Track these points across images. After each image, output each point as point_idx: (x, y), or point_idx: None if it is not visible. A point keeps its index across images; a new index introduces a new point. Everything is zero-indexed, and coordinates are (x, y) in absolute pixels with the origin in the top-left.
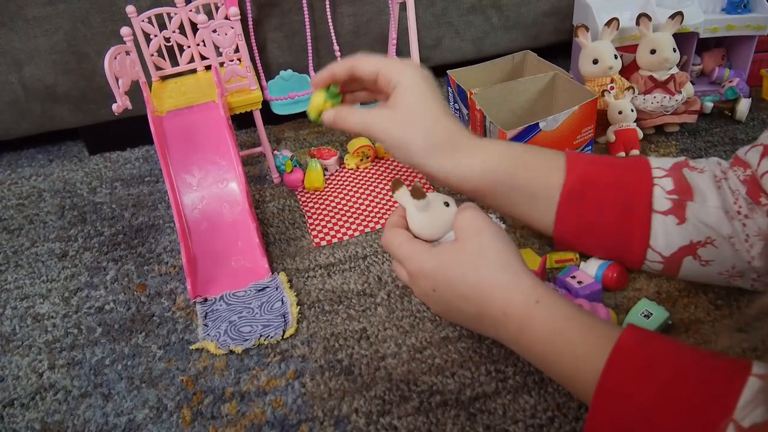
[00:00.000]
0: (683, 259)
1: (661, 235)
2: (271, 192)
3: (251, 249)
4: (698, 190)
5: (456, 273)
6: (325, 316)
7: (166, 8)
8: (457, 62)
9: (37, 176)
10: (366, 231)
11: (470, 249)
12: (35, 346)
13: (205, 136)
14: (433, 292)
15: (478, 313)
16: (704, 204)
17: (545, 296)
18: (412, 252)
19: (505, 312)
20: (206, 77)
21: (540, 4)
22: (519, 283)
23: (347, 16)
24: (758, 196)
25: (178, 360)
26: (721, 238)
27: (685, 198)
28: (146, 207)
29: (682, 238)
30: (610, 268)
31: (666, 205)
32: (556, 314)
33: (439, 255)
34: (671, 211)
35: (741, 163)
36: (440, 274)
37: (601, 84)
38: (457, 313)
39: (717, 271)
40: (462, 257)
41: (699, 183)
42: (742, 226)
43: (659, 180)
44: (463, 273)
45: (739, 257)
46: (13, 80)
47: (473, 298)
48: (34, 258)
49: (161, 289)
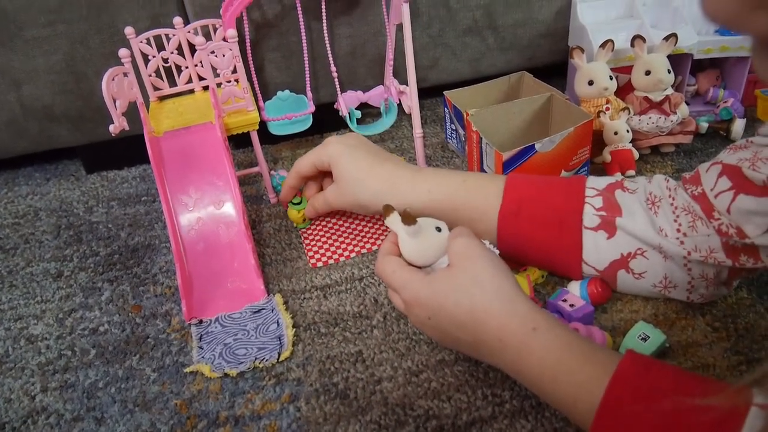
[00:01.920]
0: (617, 273)
1: (593, 250)
2: (268, 212)
3: (247, 270)
4: (626, 208)
5: (451, 301)
6: (321, 339)
7: (165, 29)
8: (454, 83)
9: (33, 195)
10: (362, 252)
11: (464, 276)
12: (28, 369)
13: (202, 156)
14: (428, 320)
15: (474, 341)
16: (632, 218)
17: (542, 322)
18: (405, 280)
19: (501, 339)
20: (204, 98)
21: (536, 26)
22: (515, 309)
23: (344, 37)
24: (711, 211)
25: (172, 383)
26: (651, 249)
27: (613, 214)
28: (142, 227)
29: (613, 252)
30: (590, 284)
31: (595, 222)
32: (553, 341)
33: (432, 283)
34: (601, 227)
35: (696, 181)
36: (435, 302)
37: (597, 105)
38: (454, 340)
39: (651, 284)
40: (456, 284)
41: (627, 203)
42: (680, 244)
43: (590, 199)
44: (458, 300)
45: (669, 268)
46: (11, 99)
47: (469, 325)
48: (29, 278)
49: (156, 311)
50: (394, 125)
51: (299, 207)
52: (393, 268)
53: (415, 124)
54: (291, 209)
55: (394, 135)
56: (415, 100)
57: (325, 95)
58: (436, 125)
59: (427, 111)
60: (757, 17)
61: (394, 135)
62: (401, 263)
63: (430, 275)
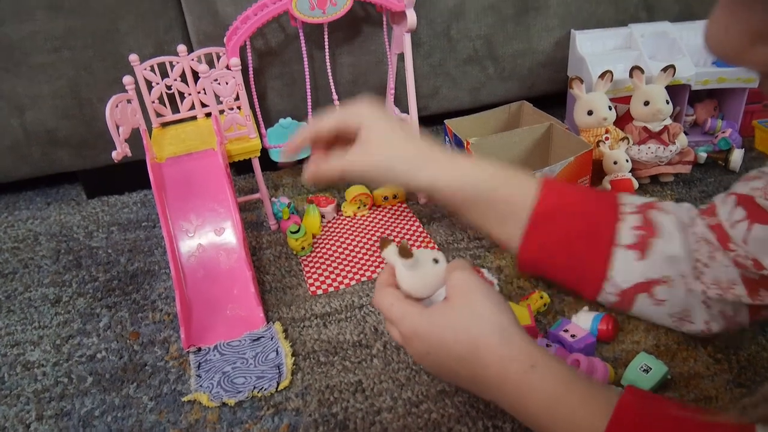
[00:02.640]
0: (637, 296)
1: (621, 268)
2: (268, 239)
3: (247, 297)
4: (664, 229)
5: (449, 335)
6: (320, 368)
7: (169, 57)
8: (454, 111)
9: (33, 219)
10: (362, 280)
11: (462, 310)
12: (23, 396)
13: (203, 183)
14: (427, 355)
15: (473, 376)
16: (669, 241)
17: (541, 360)
18: (403, 313)
19: (500, 376)
20: (206, 124)
21: (535, 56)
22: (514, 345)
23: (346, 66)
24: (727, 242)
25: (169, 412)
26: (679, 277)
27: (649, 235)
28: (142, 252)
29: (641, 274)
30: (603, 321)
31: (630, 239)
32: (553, 379)
33: (430, 316)
34: (635, 246)
35: (712, 212)
36: (433, 336)
37: (596, 134)
38: (452, 375)
39: (668, 313)
40: (454, 318)
41: (665, 223)
42: (699, 275)
43: (627, 215)
44: (456, 335)
45: (690, 302)
46: (14, 124)
47: (468, 361)
48: (27, 303)
49: (155, 338)
50: None
51: (297, 236)
52: (390, 300)
53: None
54: (290, 238)
55: None
56: (415, 128)
57: None
58: None
59: None
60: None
61: None
62: (399, 296)
63: (429, 309)
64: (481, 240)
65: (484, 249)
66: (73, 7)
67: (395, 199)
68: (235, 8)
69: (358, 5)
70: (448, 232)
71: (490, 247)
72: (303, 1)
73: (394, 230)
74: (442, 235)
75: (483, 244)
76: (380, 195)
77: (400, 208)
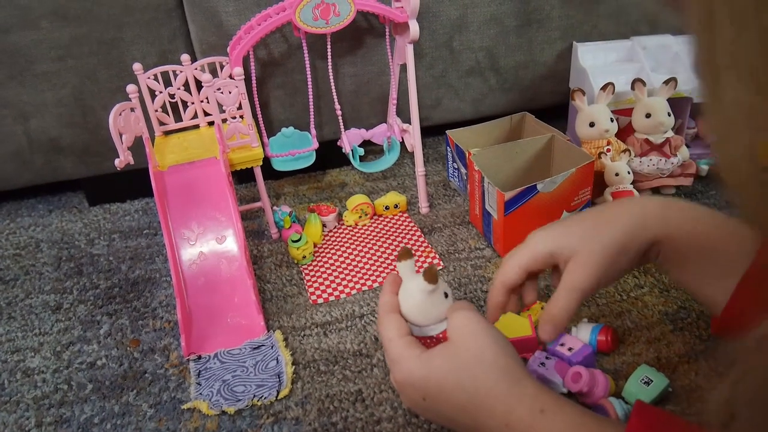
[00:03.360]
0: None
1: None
2: (269, 247)
3: (248, 306)
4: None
5: (450, 382)
6: (320, 377)
7: (172, 66)
8: (456, 122)
9: (35, 226)
10: (363, 289)
11: (466, 354)
12: (23, 402)
13: (205, 191)
14: (423, 401)
15: (475, 426)
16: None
17: (549, 403)
18: (400, 356)
19: (508, 425)
20: (209, 133)
21: (537, 68)
22: (522, 391)
23: (349, 76)
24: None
25: (168, 420)
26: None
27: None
28: (143, 260)
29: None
30: (602, 332)
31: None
32: (563, 424)
33: (430, 361)
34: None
35: None
36: (432, 382)
37: (598, 146)
38: (449, 422)
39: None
40: (457, 364)
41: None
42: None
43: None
44: (459, 382)
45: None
46: (18, 132)
47: (470, 409)
48: (28, 310)
49: (155, 345)
50: (397, 163)
51: (298, 244)
52: (391, 336)
53: (418, 163)
54: (291, 247)
55: (396, 173)
56: (417, 138)
57: (329, 132)
58: (438, 163)
59: (429, 149)
60: None
61: (396, 173)
62: (400, 332)
63: (428, 353)
64: (482, 250)
65: (485, 259)
66: (78, 15)
67: (396, 208)
68: (239, 18)
69: (361, 16)
70: (449, 242)
71: (491, 258)
72: (306, 12)
73: (396, 240)
74: (443, 245)
75: (484, 254)
76: (381, 204)
77: (402, 217)
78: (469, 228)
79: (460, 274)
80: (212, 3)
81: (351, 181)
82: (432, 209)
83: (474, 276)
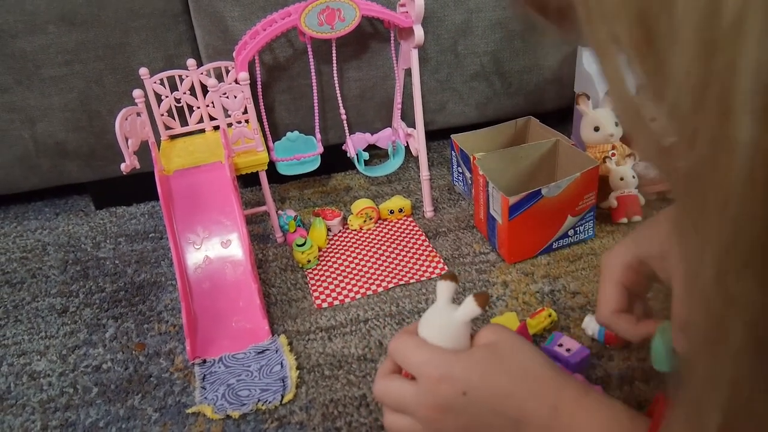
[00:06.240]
0: None
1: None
2: (274, 251)
3: (252, 310)
4: None
5: (497, 371)
6: (325, 381)
7: (178, 71)
8: (461, 126)
9: (42, 229)
10: (368, 294)
11: (509, 348)
12: (29, 406)
13: (210, 196)
14: (461, 397)
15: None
16: None
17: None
18: (433, 355)
19: (556, 406)
20: (214, 137)
21: (542, 72)
22: (566, 377)
23: (354, 80)
24: None
25: (173, 424)
26: None
27: None
28: (149, 263)
29: None
30: None
31: None
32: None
33: (471, 354)
34: None
35: None
36: (476, 372)
37: (603, 150)
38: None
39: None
40: (502, 354)
41: None
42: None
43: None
44: (506, 368)
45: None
46: (25, 136)
47: (517, 394)
48: (34, 313)
49: (160, 349)
50: (402, 167)
51: (303, 249)
52: (416, 343)
53: (422, 167)
54: (296, 251)
55: (401, 177)
56: (422, 142)
57: (334, 137)
58: (442, 167)
59: (434, 153)
60: None
61: (401, 177)
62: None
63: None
64: (487, 254)
65: (490, 264)
66: (85, 21)
67: (401, 212)
68: (245, 24)
69: (366, 21)
70: (453, 246)
71: (495, 262)
72: (312, 17)
73: (400, 244)
74: (448, 250)
75: (488, 258)
76: (386, 209)
77: (406, 221)
78: (474, 232)
79: (465, 278)
80: (218, 8)
81: (356, 185)
82: (437, 213)
83: (479, 280)
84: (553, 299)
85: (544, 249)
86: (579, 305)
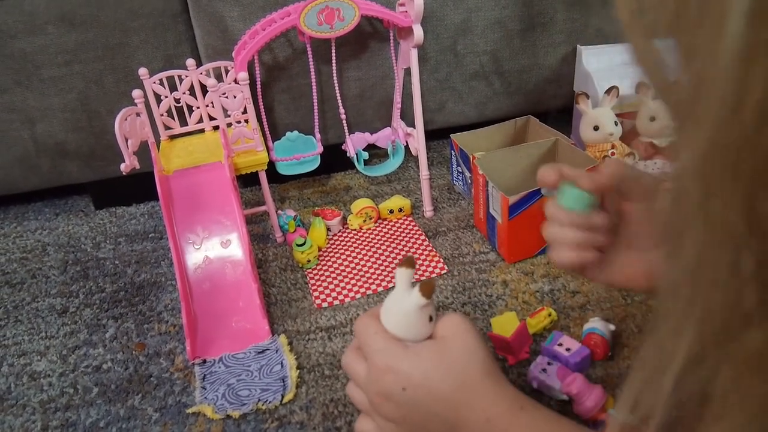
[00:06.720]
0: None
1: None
2: (274, 251)
3: (252, 310)
4: None
5: (439, 372)
6: (325, 381)
7: (178, 71)
8: (460, 126)
9: (42, 230)
10: (368, 293)
11: (456, 350)
12: (29, 406)
13: (210, 196)
14: (401, 392)
15: (454, 420)
16: None
17: (528, 404)
18: (387, 345)
19: (489, 419)
20: (214, 137)
21: (541, 72)
22: (504, 390)
23: (353, 80)
24: None
25: (174, 424)
26: None
27: None
28: (149, 264)
29: None
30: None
31: None
32: (541, 421)
33: (418, 353)
34: None
35: None
36: (418, 371)
37: (602, 150)
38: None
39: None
40: (448, 357)
41: None
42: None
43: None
44: (448, 373)
45: None
46: (25, 136)
47: (453, 401)
48: (35, 313)
49: (160, 349)
50: (401, 167)
51: (303, 248)
52: (376, 329)
53: (422, 166)
54: (296, 250)
55: (400, 176)
56: (421, 142)
57: (333, 136)
58: (442, 167)
59: (434, 153)
60: None
61: (400, 176)
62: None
63: (416, 346)
64: (486, 254)
65: (490, 263)
66: (84, 21)
67: (401, 212)
68: (244, 23)
69: (365, 20)
70: (453, 246)
71: (495, 262)
72: (311, 17)
73: (400, 243)
74: (448, 249)
75: (488, 258)
76: (386, 208)
77: (406, 221)
78: (474, 232)
79: (464, 278)
80: (217, 8)
81: (355, 184)
82: (436, 213)
83: (478, 280)
84: (552, 299)
85: (544, 248)
86: (579, 304)
